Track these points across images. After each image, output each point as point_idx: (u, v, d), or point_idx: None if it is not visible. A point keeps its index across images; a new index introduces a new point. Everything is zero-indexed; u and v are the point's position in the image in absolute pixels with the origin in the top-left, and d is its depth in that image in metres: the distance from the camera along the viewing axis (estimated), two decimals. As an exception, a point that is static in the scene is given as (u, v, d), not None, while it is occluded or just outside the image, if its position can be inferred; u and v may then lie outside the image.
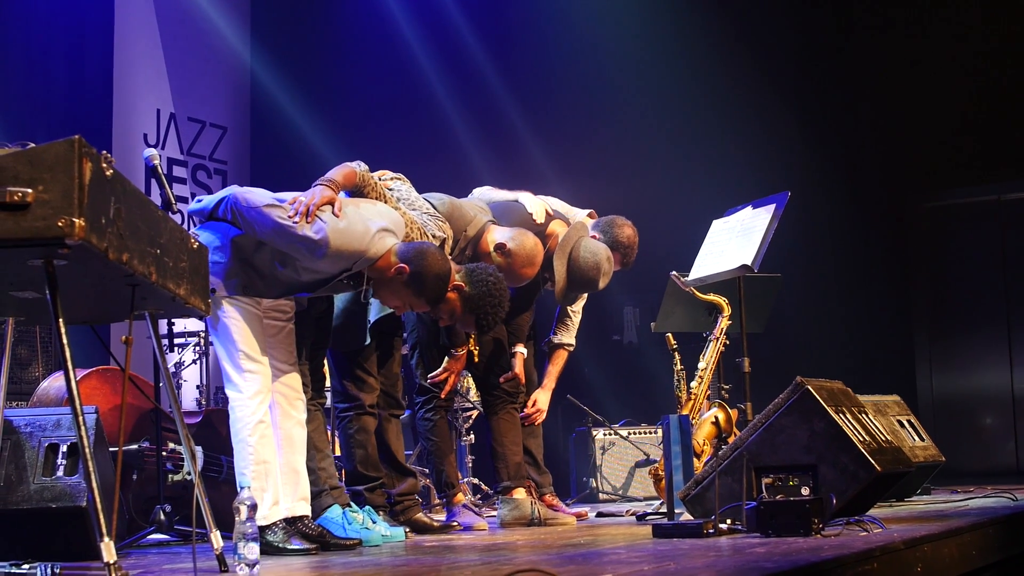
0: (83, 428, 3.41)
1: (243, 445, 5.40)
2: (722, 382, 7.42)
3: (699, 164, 11.47)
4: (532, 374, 7.40)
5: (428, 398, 7.02)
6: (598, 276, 6.78)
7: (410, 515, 6.60)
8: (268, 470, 5.42)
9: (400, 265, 5.40)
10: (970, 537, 5.22)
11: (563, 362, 7.49)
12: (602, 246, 6.89)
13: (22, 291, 3.65)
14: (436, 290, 5.53)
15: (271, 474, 5.43)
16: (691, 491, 5.65)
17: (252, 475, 5.34)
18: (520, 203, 6.99)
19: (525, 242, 6.53)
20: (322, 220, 5.22)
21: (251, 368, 5.43)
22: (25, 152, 3.22)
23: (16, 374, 7.68)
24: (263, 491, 5.35)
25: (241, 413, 5.41)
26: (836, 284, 11.65)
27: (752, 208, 7.46)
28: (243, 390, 5.41)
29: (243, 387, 5.41)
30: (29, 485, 5.22)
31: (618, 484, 9.62)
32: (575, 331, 7.50)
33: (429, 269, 5.43)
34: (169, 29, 11.50)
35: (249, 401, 5.40)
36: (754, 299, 7.65)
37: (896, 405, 7.87)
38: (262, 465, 5.39)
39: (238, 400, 5.43)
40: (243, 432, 5.40)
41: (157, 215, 3.74)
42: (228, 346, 5.44)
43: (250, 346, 5.43)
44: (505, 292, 5.94)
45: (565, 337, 7.47)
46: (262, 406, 5.44)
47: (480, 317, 5.85)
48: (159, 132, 11.38)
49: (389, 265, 5.42)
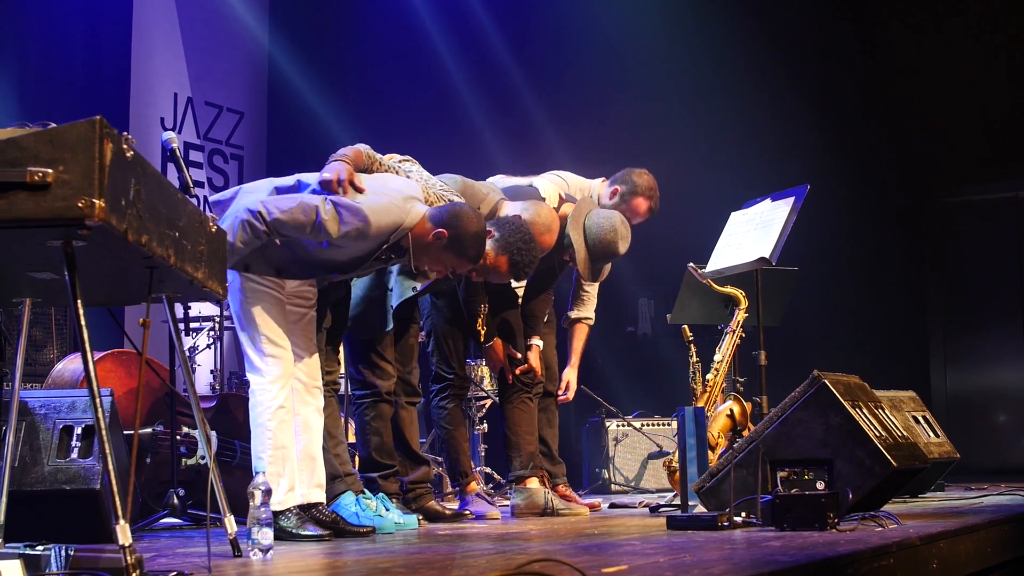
0: (100, 410, 3.40)
1: (262, 430, 5.38)
2: (737, 375, 7.40)
3: (718, 156, 11.45)
4: (553, 361, 7.42)
5: (443, 386, 7.03)
6: (616, 239, 6.78)
7: (423, 503, 6.60)
8: (285, 456, 5.40)
9: (438, 230, 5.41)
10: (986, 534, 5.20)
11: (585, 336, 7.59)
12: (614, 212, 6.90)
13: (40, 272, 3.63)
14: (477, 248, 5.56)
15: (288, 460, 5.42)
16: (705, 483, 5.64)
17: (269, 460, 5.32)
18: (534, 187, 6.99)
19: (540, 210, 6.53)
20: (356, 204, 5.23)
21: (273, 353, 5.41)
22: (46, 132, 3.21)
23: (31, 356, 7.68)
24: (279, 476, 5.34)
25: (261, 397, 5.39)
26: (853, 279, 11.63)
27: (771, 201, 7.43)
28: (265, 374, 5.39)
29: (265, 371, 5.39)
30: (43, 467, 5.23)
31: (631, 476, 9.62)
32: (592, 306, 7.57)
33: (467, 229, 5.46)
34: (188, 13, 11.48)
35: (270, 386, 5.38)
36: (771, 292, 7.63)
37: (911, 401, 7.85)
38: (280, 451, 5.38)
39: (259, 384, 5.41)
40: (262, 416, 5.38)
41: (176, 198, 3.73)
42: (251, 330, 5.42)
43: (273, 331, 5.42)
44: (531, 233, 6.03)
45: (583, 311, 7.56)
46: (283, 391, 5.42)
47: (514, 256, 5.91)
48: (176, 116, 11.37)
49: (426, 232, 5.43)
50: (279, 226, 5.18)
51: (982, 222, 11.78)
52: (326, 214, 5.19)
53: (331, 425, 5.91)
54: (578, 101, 11.78)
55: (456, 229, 5.42)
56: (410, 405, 6.73)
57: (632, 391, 11.05)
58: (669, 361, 10.44)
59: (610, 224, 6.78)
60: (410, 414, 6.74)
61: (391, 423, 6.53)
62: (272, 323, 5.43)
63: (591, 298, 7.56)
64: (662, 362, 10.94)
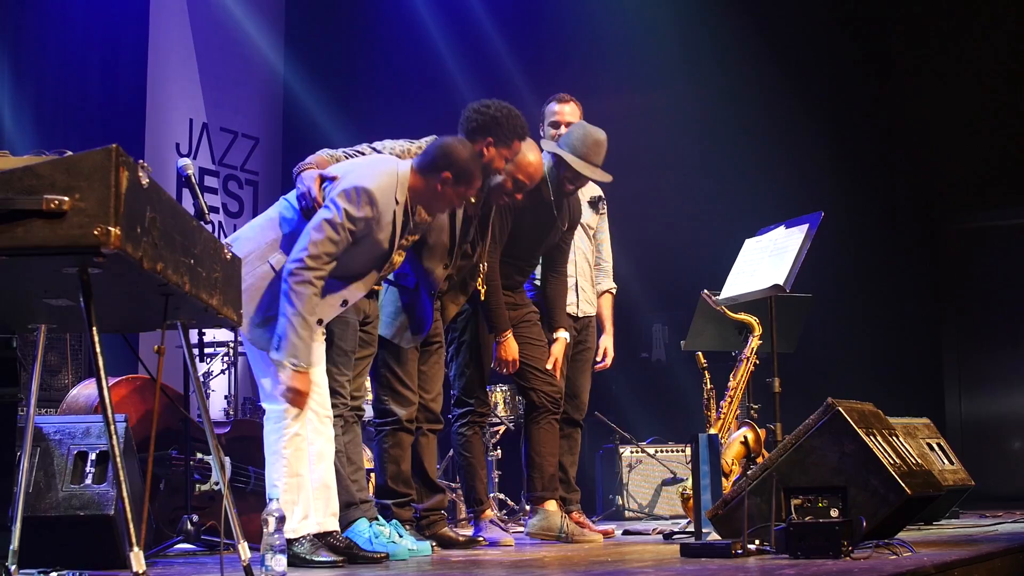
0: (114, 436, 3.40)
1: (276, 457, 5.35)
2: (752, 402, 7.40)
3: (732, 183, 11.44)
4: (584, 390, 7.51)
5: (464, 412, 7.04)
6: (592, 129, 7.04)
7: (436, 530, 6.59)
8: (300, 484, 5.37)
9: (440, 176, 5.49)
10: (1000, 563, 5.19)
11: (611, 304, 7.78)
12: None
13: (56, 299, 3.65)
14: (478, 166, 5.66)
15: (303, 488, 5.39)
16: (719, 511, 5.63)
17: (284, 488, 5.30)
18: None
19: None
20: (345, 182, 5.37)
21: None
22: (62, 160, 3.22)
23: (46, 381, 7.69)
24: (294, 504, 5.31)
25: (277, 425, 5.36)
26: (867, 305, 11.60)
27: (785, 228, 7.44)
28: (280, 402, 5.34)
29: (280, 399, 5.34)
30: (57, 492, 5.24)
31: (644, 502, 9.60)
32: (611, 273, 7.77)
33: (461, 156, 5.55)
34: (203, 39, 11.52)
35: (286, 414, 5.34)
36: (785, 319, 7.63)
37: (926, 428, 7.84)
38: (295, 478, 5.34)
39: (274, 412, 5.37)
40: (277, 444, 5.35)
41: (191, 225, 3.74)
42: (267, 357, 5.39)
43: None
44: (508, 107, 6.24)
45: (606, 282, 7.75)
46: (298, 420, 5.37)
47: (506, 124, 6.02)
48: (191, 142, 11.40)
49: (424, 182, 5.51)
50: (321, 260, 5.24)
51: (996, 248, 11.75)
52: (334, 212, 5.28)
53: (351, 451, 5.90)
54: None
55: (453, 163, 5.52)
56: (431, 432, 6.71)
57: (646, 417, 11.03)
58: (683, 387, 10.42)
59: (579, 124, 7.12)
60: (430, 441, 6.72)
61: (411, 449, 6.52)
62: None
63: (609, 266, 7.76)
64: (676, 388, 10.92)
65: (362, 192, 5.33)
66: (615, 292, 7.79)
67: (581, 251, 7.54)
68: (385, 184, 5.41)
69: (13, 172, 3.18)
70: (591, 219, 7.66)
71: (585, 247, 7.57)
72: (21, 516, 4.47)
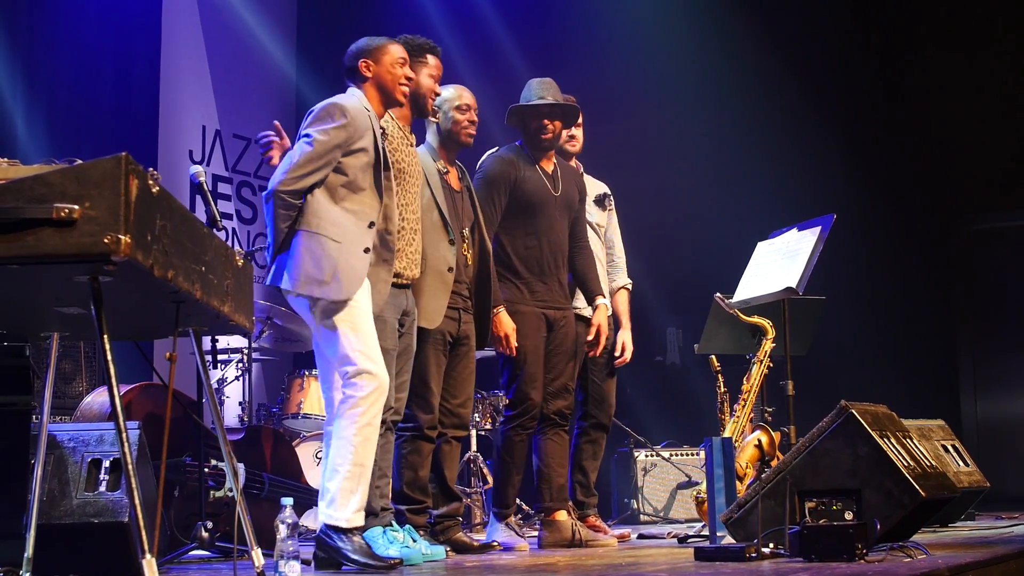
0: (127, 444, 3.41)
1: (344, 443, 5.28)
2: (765, 405, 7.38)
3: (744, 186, 11.44)
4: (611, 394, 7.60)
5: (515, 414, 7.01)
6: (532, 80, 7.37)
7: (450, 535, 6.57)
8: (363, 474, 5.32)
9: (360, 72, 5.85)
10: (1016, 564, 5.18)
11: (628, 300, 7.80)
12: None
13: (67, 307, 3.66)
14: (374, 41, 5.98)
15: (364, 478, 5.33)
16: (733, 514, 5.62)
17: (346, 475, 5.25)
18: None
19: None
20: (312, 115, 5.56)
21: (368, 368, 5.32)
22: (72, 168, 3.23)
23: (60, 388, 7.70)
24: (352, 493, 5.27)
25: (350, 411, 5.29)
26: (880, 307, 11.58)
27: (797, 230, 7.43)
28: (359, 390, 5.29)
29: (360, 386, 5.29)
30: (71, 500, 5.24)
31: (660, 506, 9.59)
32: (625, 269, 7.81)
33: (352, 50, 5.96)
34: (215, 46, 11.54)
35: (362, 401, 5.28)
36: (798, 322, 7.62)
37: (940, 430, 7.82)
38: (358, 468, 5.28)
39: (351, 400, 5.31)
40: (348, 431, 5.28)
41: (202, 232, 3.75)
42: (346, 343, 5.34)
43: (368, 345, 5.36)
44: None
45: (620, 278, 7.78)
46: (373, 407, 5.32)
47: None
48: (204, 148, 11.42)
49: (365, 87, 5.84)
50: (300, 178, 5.36)
51: (1010, 249, 11.72)
52: (309, 137, 5.45)
53: (382, 457, 5.83)
54: (604, 132, 11.78)
55: (356, 54, 5.91)
56: (454, 440, 6.67)
57: (660, 421, 11.03)
58: (697, 391, 10.42)
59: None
60: (453, 449, 6.67)
61: (432, 453, 6.50)
62: (369, 337, 5.38)
63: (623, 262, 7.82)
64: (690, 392, 10.92)
65: (329, 106, 5.53)
66: (631, 288, 7.80)
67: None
68: (349, 100, 5.64)
69: (24, 181, 3.20)
70: (599, 217, 7.68)
71: (596, 247, 7.58)
72: (35, 524, 4.48)
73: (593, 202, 7.64)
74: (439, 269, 6.34)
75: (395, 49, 5.87)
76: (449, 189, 6.54)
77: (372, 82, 5.80)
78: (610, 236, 7.77)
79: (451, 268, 6.39)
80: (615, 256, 7.77)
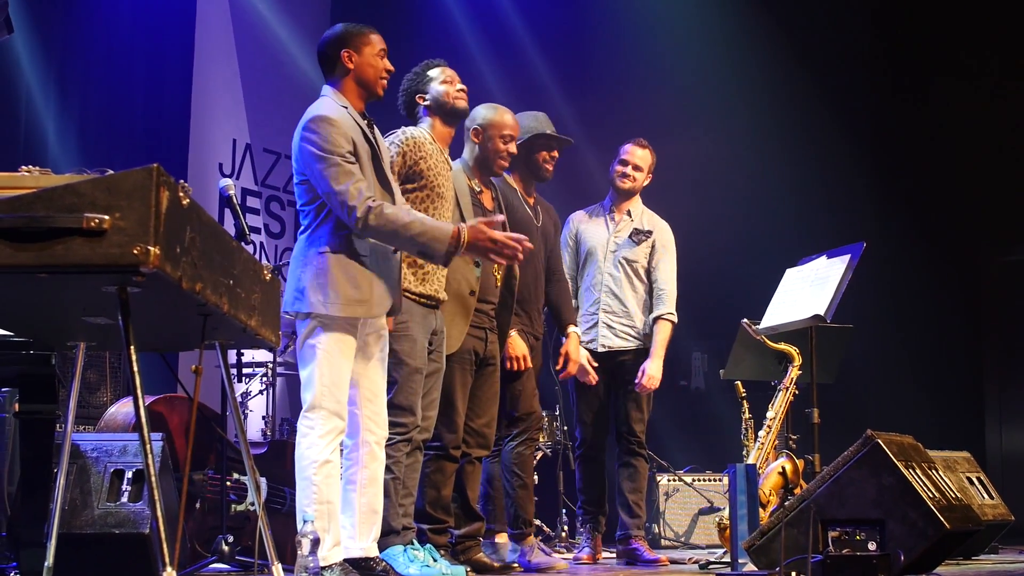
0: (150, 455, 3.40)
1: (307, 483, 5.20)
2: (790, 432, 7.36)
3: (774, 213, 11.43)
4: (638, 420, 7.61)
5: (520, 431, 6.99)
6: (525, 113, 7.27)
7: (471, 555, 6.54)
8: (331, 511, 5.24)
9: (343, 63, 5.68)
10: (1039, 599, 5.15)
11: (667, 332, 7.70)
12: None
13: (95, 317, 3.66)
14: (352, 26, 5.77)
15: (333, 515, 5.26)
16: (756, 541, 5.60)
17: (315, 514, 5.16)
18: None
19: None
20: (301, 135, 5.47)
21: (328, 406, 5.23)
22: (103, 179, 3.23)
23: (84, 398, 7.70)
24: (324, 532, 5.17)
25: (308, 451, 5.20)
26: (907, 337, 11.54)
27: (827, 258, 7.40)
28: (314, 426, 5.21)
29: (315, 423, 5.21)
30: (93, 510, 5.25)
31: (681, 531, 9.56)
32: (671, 301, 7.74)
33: (326, 37, 5.77)
34: (247, 60, 11.57)
35: (319, 440, 5.20)
36: (825, 349, 7.58)
37: (966, 462, 7.78)
38: (325, 505, 5.20)
39: (308, 436, 5.22)
40: (308, 470, 5.20)
41: (231, 246, 3.74)
42: (312, 376, 5.27)
43: (335, 382, 5.26)
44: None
45: (660, 308, 7.70)
46: (330, 446, 5.22)
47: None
48: (234, 162, 11.44)
49: (344, 82, 5.72)
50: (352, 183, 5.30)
51: (1039, 281, 11.70)
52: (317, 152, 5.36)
53: (408, 475, 5.83)
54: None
55: (332, 42, 5.71)
56: (477, 460, 6.63)
57: (684, 446, 11.00)
58: (721, 416, 10.39)
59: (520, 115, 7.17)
60: (475, 469, 6.64)
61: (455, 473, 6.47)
62: (337, 372, 5.28)
63: (667, 294, 7.74)
64: (715, 417, 10.90)
65: (315, 120, 5.43)
66: (672, 320, 7.69)
67: (608, 288, 7.57)
68: (325, 105, 5.56)
69: (54, 190, 3.19)
70: (630, 252, 7.66)
71: (613, 283, 7.59)
72: (56, 533, 4.48)
73: (628, 238, 7.65)
74: (461, 293, 6.32)
75: (376, 39, 5.69)
76: (483, 210, 6.49)
77: (352, 75, 5.66)
78: (652, 268, 7.72)
79: (473, 292, 6.37)
80: (657, 287, 7.71)
